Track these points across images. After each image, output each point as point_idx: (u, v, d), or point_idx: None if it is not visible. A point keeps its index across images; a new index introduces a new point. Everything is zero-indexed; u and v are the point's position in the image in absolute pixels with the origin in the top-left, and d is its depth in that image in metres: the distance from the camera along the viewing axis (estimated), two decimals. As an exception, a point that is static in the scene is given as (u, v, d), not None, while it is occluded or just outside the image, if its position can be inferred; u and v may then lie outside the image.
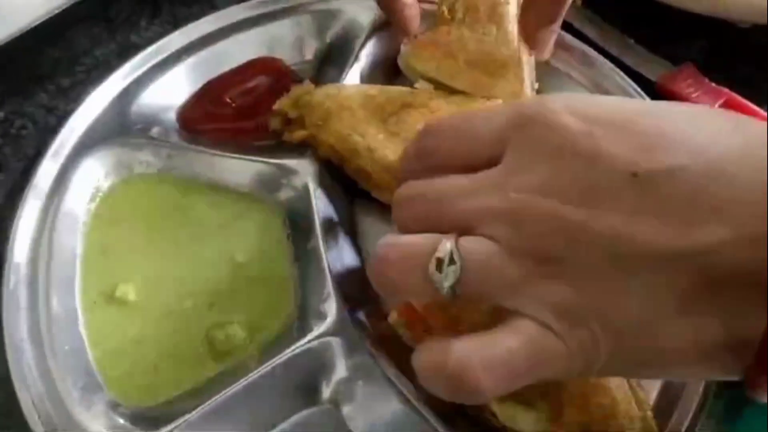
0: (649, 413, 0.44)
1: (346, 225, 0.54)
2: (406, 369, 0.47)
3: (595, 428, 0.42)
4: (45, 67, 0.61)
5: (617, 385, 0.43)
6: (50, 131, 0.54)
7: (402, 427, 0.45)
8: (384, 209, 0.55)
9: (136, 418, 0.45)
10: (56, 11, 0.58)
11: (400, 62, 0.59)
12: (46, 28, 0.59)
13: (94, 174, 0.52)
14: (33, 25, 0.57)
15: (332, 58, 0.60)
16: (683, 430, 0.45)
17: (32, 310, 0.46)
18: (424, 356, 0.37)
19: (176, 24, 0.63)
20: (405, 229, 0.39)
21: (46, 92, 0.59)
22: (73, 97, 0.59)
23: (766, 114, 0.58)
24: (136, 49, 0.61)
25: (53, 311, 0.46)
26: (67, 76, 0.60)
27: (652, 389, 0.47)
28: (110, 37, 0.63)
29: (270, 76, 0.58)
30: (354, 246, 0.53)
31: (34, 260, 0.48)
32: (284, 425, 0.46)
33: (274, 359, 0.45)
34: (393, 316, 0.49)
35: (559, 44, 0.60)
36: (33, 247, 0.48)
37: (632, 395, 0.44)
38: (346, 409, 0.46)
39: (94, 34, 0.63)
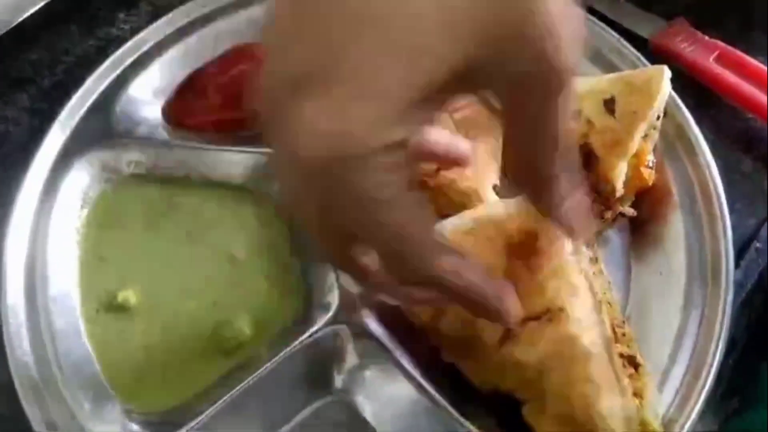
0: (633, 402, 0.41)
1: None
2: (413, 351, 0.47)
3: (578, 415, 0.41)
4: (25, 69, 0.60)
5: (600, 373, 0.41)
6: (36, 133, 0.53)
7: (413, 408, 0.45)
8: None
9: (150, 423, 0.45)
10: (31, 11, 0.58)
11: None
12: (23, 31, 0.58)
13: (83, 179, 0.52)
14: (8, 29, 0.57)
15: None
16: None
17: (33, 324, 0.46)
18: None
19: (156, 14, 0.62)
20: None
21: (28, 94, 0.59)
22: (56, 98, 0.57)
23: (759, 64, 0.57)
24: (116, 42, 0.60)
25: (55, 325, 0.46)
26: (49, 77, 0.60)
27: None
28: (89, 33, 0.62)
29: (252, 64, 0.56)
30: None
31: (30, 273, 0.48)
32: (299, 418, 0.46)
33: (282, 353, 0.45)
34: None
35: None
36: (28, 260, 0.48)
37: (617, 381, 0.41)
38: (359, 396, 0.46)
39: (72, 32, 0.62)
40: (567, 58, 0.30)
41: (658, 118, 0.50)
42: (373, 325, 0.46)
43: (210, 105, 0.56)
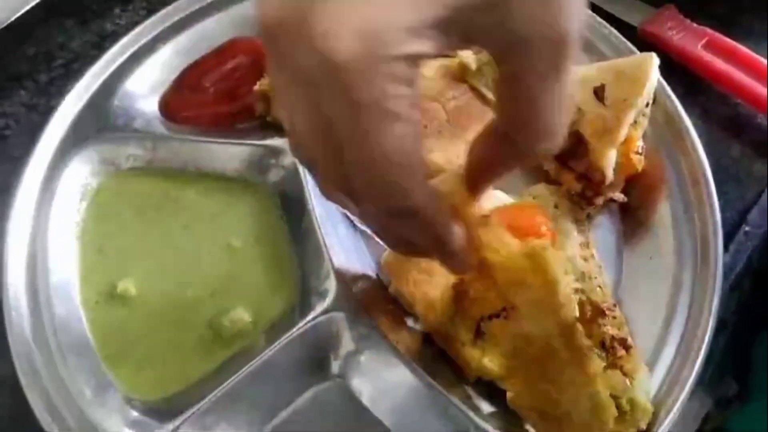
0: (606, 391, 0.41)
1: (339, 199, 0.54)
2: (407, 336, 0.48)
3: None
4: (21, 65, 0.60)
5: (561, 366, 0.41)
6: (34, 129, 0.54)
7: (407, 391, 0.46)
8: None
9: (151, 410, 0.45)
10: (28, 8, 0.58)
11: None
12: (18, 27, 0.58)
13: (82, 173, 0.52)
14: (5, 25, 0.57)
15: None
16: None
17: (35, 316, 0.46)
18: None
19: (151, 9, 0.62)
20: None
21: (25, 90, 0.59)
22: (53, 93, 0.58)
23: (747, 50, 0.57)
24: (112, 37, 0.61)
25: (56, 315, 0.47)
26: (45, 72, 0.60)
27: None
28: (84, 28, 0.62)
29: (248, 57, 0.57)
30: (348, 220, 0.53)
31: (31, 265, 0.48)
32: (297, 403, 0.47)
33: (280, 340, 0.45)
34: (392, 287, 0.50)
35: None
36: (29, 252, 0.48)
37: (582, 371, 0.40)
38: (355, 380, 0.47)
39: (67, 27, 0.62)
40: (567, 23, 0.28)
41: (648, 105, 0.50)
42: (369, 311, 0.47)
43: (206, 98, 0.56)
